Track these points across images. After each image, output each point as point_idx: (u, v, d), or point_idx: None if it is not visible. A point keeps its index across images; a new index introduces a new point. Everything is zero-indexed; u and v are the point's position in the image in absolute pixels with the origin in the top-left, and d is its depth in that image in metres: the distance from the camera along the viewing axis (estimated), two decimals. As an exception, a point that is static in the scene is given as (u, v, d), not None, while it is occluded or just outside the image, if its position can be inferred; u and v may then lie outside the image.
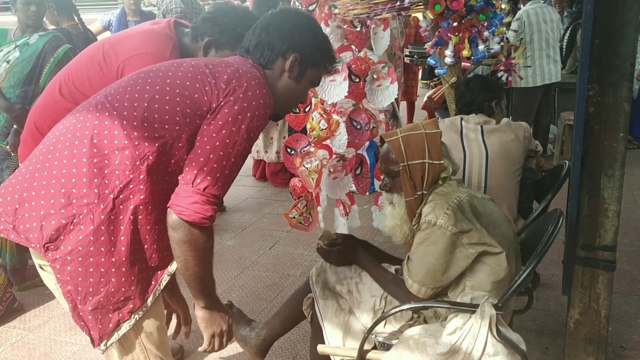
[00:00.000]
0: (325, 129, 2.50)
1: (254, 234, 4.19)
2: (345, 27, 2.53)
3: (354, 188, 2.98)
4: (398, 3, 2.38)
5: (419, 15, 2.98)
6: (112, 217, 1.49)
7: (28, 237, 1.49)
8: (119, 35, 2.31)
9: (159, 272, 1.62)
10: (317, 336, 2.19)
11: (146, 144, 1.49)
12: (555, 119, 5.96)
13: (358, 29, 2.56)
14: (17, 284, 3.30)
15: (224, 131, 1.48)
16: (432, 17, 2.58)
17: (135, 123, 1.49)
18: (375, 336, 2.03)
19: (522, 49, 2.95)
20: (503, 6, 2.79)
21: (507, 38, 2.79)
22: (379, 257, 2.27)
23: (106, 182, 1.48)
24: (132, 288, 1.56)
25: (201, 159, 1.47)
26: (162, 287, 1.63)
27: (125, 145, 1.48)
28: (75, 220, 1.47)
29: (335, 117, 2.53)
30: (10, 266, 3.21)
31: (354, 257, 2.16)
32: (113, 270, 1.51)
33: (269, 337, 2.42)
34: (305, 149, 2.68)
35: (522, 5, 5.67)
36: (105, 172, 1.48)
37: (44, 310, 3.18)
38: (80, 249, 1.47)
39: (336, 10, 2.39)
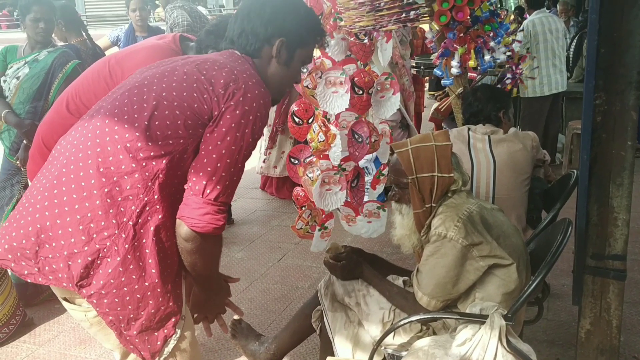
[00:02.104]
0: (323, 141, 2.51)
1: (263, 247, 4.19)
2: (351, 39, 2.54)
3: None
4: (404, 15, 2.39)
5: (425, 27, 2.99)
6: (135, 243, 1.47)
7: (57, 278, 1.48)
8: (125, 51, 2.34)
9: (184, 279, 1.64)
10: (327, 349, 2.18)
11: (154, 162, 1.46)
12: (563, 128, 5.95)
13: (365, 41, 2.57)
14: (28, 301, 3.29)
15: (228, 138, 1.45)
16: (438, 28, 2.59)
17: (139, 144, 1.46)
18: (385, 348, 2.02)
19: (529, 61, 2.95)
20: (511, 17, 2.80)
21: (513, 48, 2.79)
22: (386, 269, 2.27)
23: (122, 209, 1.46)
24: (171, 304, 1.56)
25: (209, 169, 1.45)
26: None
27: (133, 169, 1.45)
28: (100, 255, 1.46)
29: (332, 129, 2.53)
30: (15, 280, 3.20)
31: (358, 272, 2.16)
32: (149, 293, 1.51)
33: (278, 351, 2.41)
34: (308, 159, 2.69)
35: (527, 15, 5.68)
36: (119, 199, 1.46)
37: (54, 325, 3.18)
38: (112, 281, 1.47)
39: (342, 23, 2.41)
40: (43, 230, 1.47)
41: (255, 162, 5.76)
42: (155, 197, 1.47)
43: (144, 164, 1.46)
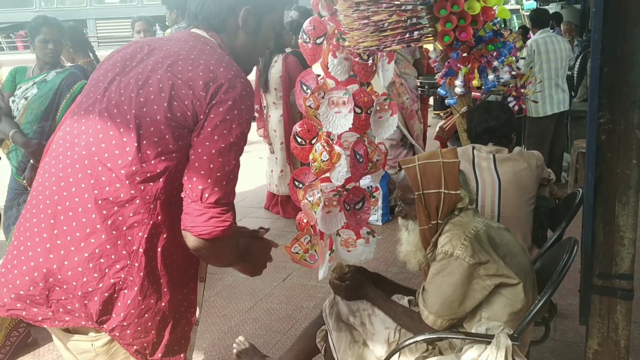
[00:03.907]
0: (327, 160, 2.49)
1: (268, 266, 4.17)
2: (356, 60, 2.56)
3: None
4: (407, 35, 2.41)
5: (429, 47, 3.02)
6: (149, 269, 1.43)
7: (74, 318, 1.42)
8: None
9: (197, 283, 1.61)
10: (331, 369, 2.16)
11: (151, 184, 1.40)
12: (569, 147, 5.95)
13: (370, 62, 2.58)
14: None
15: (216, 137, 1.38)
16: (441, 48, 2.61)
17: (133, 168, 1.38)
18: (390, 368, 2.00)
19: (534, 86, 2.96)
20: (514, 36, 2.81)
21: (518, 67, 2.81)
22: (390, 289, 2.25)
23: (129, 238, 1.40)
24: (189, 315, 1.55)
25: (202, 172, 1.38)
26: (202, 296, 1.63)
27: (132, 195, 1.39)
28: (117, 288, 1.41)
29: (337, 149, 2.53)
30: None
31: (362, 292, 2.15)
32: (167, 313, 1.48)
33: (283, 371, 2.40)
34: (310, 182, 2.66)
35: (532, 35, 5.72)
36: (124, 229, 1.40)
37: (58, 345, 3.17)
38: (133, 311, 1.43)
39: (346, 43, 2.43)
40: (51, 274, 1.41)
41: (259, 182, 5.79)
42: (159, 217, 1.42)
43: (142, 187, 1.39)
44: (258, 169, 6.12)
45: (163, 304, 1.47)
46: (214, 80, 1.40)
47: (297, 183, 2.73)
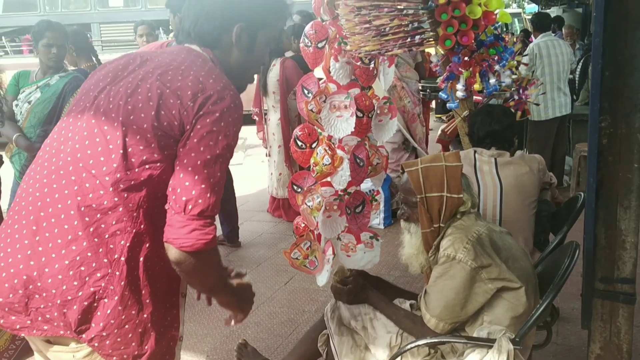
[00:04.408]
0: (329, 164, 2.49)
1: (269, 270, 4.18)
2: (358, 63, 2.56)
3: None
4: (409, 39, 2.42)
5: (431, 50, 3.02)
6: (130, 278, 1.41)
7: (53, 326, 1.40)
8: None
9: (179, 298, 1.58)
10: (333, 373, 2.16)
11: (134, 191, 1.38)
12: (570, 151, 5.95)
13: (372, 65, 2.59)
14: None
15: (202, 148, 1.36)
16: (442, 52, 2.61)
17: (118, 175, 1.37)
18: (392, 372, 2.00)
19: (536, 89, 2.96)
20: (515, 40, 2.81)
21: (519, 71, 2.81)
22: (392, 293, 2.25)
23: (111, 246, 1.38)
24: (173, 330, 1.53)
25: (186, 183, 1.35)
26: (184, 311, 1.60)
27: (116, 203, 1.37)
28: (97, 297, 1.39)
29: (339, 152, 2.53)
30: None
31: (364, 296, 2.15)
32: (149, 325, 1.46)
33: (284, 374, 2.40)
34: (310, 187, 2.65)
35: (533, 39, 5.73)
36: (106, 236, 1.38)
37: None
38: (112, 321, 1.41)
39: (347, 47, 2.43)
40: (31, 281, 1.38)
41: (261, 185, 5.79)
42: (142, 226, 1.40)
43: (125, 195, 1.38)
44: (260, 172, 6.13)
45: (145, 315, 1.45)
46: (202, 91, 1.39)
47: (295, 187, 2.71)
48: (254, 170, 6.80)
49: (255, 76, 1.88)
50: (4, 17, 10.41)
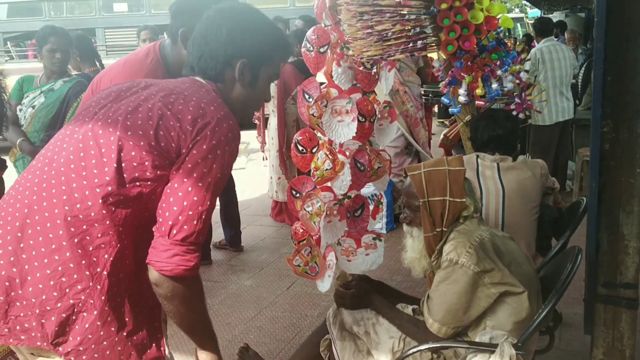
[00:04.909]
0: (330, 169, 2.48)
1: (272, 274, 4.18)
2: (360, 68, 2.57)
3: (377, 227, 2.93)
4: (411, 44, 2.42)
5: (433, 55, 3.03)
6: (111, 294, 1.38)
7: (30, 337, 1.38)
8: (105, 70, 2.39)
9: (161, 324, 1.55)
10: (335, 378, 2.16)
11: (122, 207, 1.38)
12: (573, 155, 5.94)
13: (374, 70, 2.59)
14: None
15: (195, 174, 1.35)
16: (445, 57, 2.62)
17: (109, 188, 1.36)
18: (394, 377, 2.00)
19: (538, 93, 2.96)
20: (518, 45, 2.82)
21: (521, 77, 2.81)
22: (395, 298, 2.25)
23: (94, 259, 1.36)
24: (156, 353, 1.49)
25: (175, 207, 1.35)
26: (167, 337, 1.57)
27: (103, 215, 1.36)
28: (75, 310, 1.36)
29: (340, 157, 2.53)
30: None
31: (367, 300, 2.15)
32: (129, 344, 1.43)
33: (286, 379, 2.39)
34: (309, 192, 2.63)
35: (536, 43, 5.74)
36: (90, 249, 1.36)
37: None
38: (90, 336, 1.38)
39: (350, 52, 2.44)
40: (12, 288, 1.36)
41: (264, 190, 5.79)
42: (126, 242, 1.40)
43: (113, 209, 1.37)
44: (262, 177, 6.14)
45: (124, 334, 1.42)
46: (202, 116, 1.39)
47: (294, 192, 2.70)
48: (257, 174, 6.81)
49: None
50: (10, 22, 10.46)
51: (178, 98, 1.43)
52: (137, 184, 1.38)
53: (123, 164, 1.37)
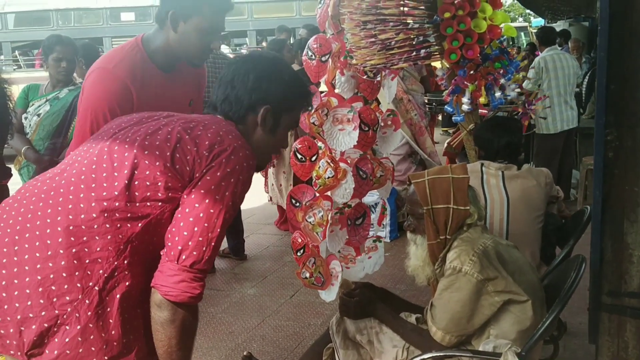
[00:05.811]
0: (332, 177, 2.48)
1: (275, 283, 4.18)
2: (364, 77, 2.58)
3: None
4: (414, 53, 2.43)
5: (437, 64, 3.03)
6: (99, 311, 1.35)
7: (4, 344, 1.34)
8: None
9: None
10: (338, 387, 2.15)
11: (129, 225, 1.37)
12: (577, 164, 5.93)
13: (378, 78, 2.60)
14: None
15: (207, 200, 1.35)
16: (448, 66, 2.63)
17: (116, 204, 1.36)
18: (397, 387, 1.99)
19: (541, 105, 2.97)
20: (521, 54, 2.82)
21: (523, 85, 2.82)
22: (398, 306, 2.25)
23: (89, 273, 1.34)
24: None
25: (185, 233, 1.35)
26: None
27: (107, 230, 1.35)
28: (58, 322, 1.33)
29: (342, 165, 2.52)
30: None
31: (371, 309, 2.14)
32: None
33: (289, 388, 2.38)
34: (309, 202, 2.61)
35: (539, 52, 5.74)
36: (87, 261, 1.34)
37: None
38: (68, 352, 1.33)
39: (353, 61, 2.45)
40: None
41: (267, 198, 5.79)
42: (126, 262, 1.37)
43: (118, 225, 1.36)
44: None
45: (106, 357, 1.37)
46: (220, 143, 1.41)
47: (294, 202, 2.68)
48: (260, 183, 6.81)
49: None
50: (17, 32, 10.54)
51: (198, 125, 1.46)
52: (148, 203, 1.38)
53: (136, 182, 1.38)
